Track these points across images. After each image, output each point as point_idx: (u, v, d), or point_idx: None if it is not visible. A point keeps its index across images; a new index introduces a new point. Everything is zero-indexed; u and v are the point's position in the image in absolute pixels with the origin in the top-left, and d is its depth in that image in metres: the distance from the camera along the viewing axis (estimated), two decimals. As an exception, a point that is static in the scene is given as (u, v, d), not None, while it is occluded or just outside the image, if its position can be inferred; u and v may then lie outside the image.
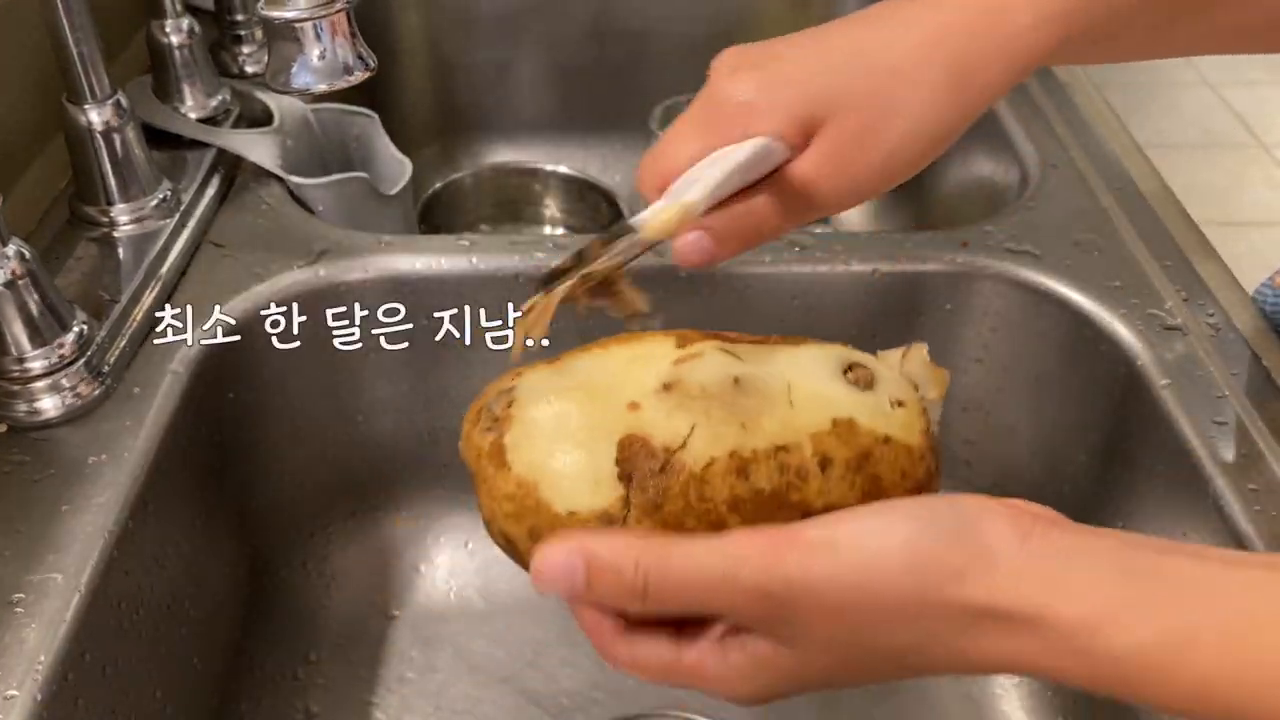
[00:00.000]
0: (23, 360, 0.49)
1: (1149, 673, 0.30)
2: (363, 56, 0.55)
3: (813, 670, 0.33)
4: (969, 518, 0.32)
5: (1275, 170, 2.08)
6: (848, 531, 0.32)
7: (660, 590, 0.32)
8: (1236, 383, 0.54)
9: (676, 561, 0.32)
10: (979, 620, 0.31)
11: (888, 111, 0.40)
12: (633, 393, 0.35)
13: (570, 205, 0.91)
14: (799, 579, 0.31)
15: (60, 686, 0.41)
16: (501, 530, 0.35)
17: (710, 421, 0.34)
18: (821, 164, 0.40)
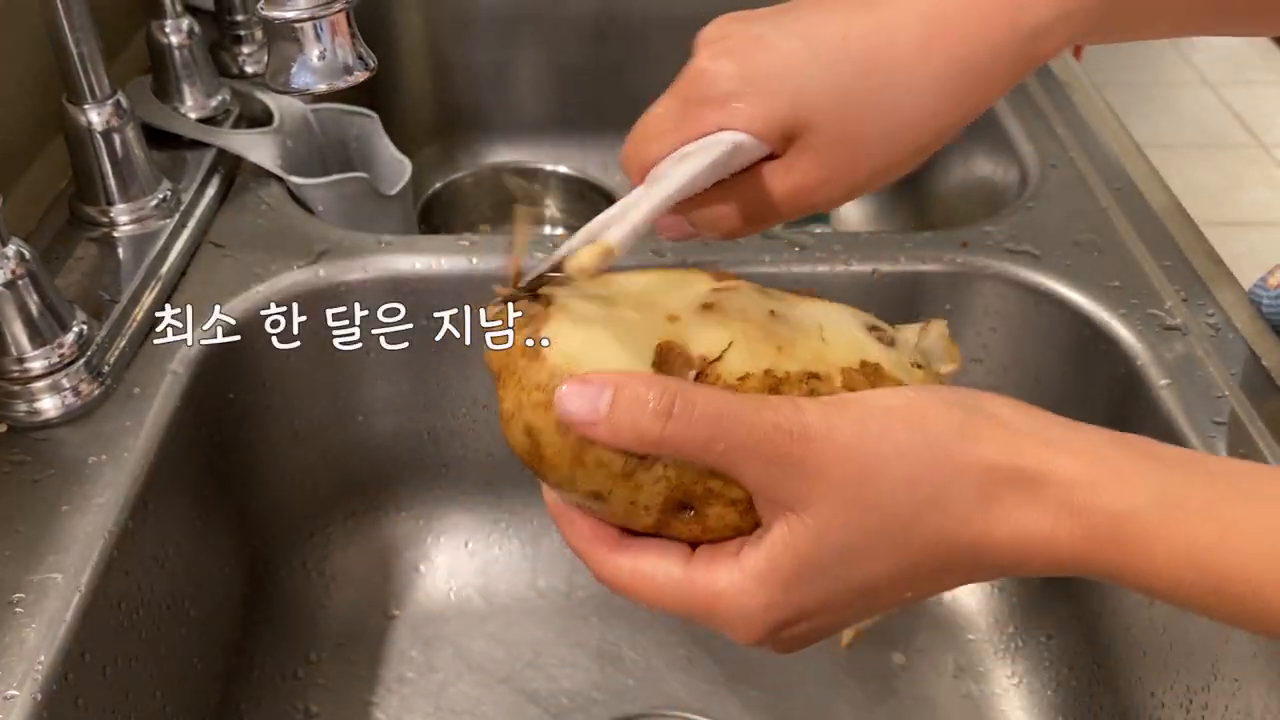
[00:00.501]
0: (23, 360, 0.49)
1: (1142, 532, 0.30)
2: (363, 56, 0.55)
3: (829, 549, 0.31)
4: (969, 392, 0.33)
5: (1274, 170, 2.08)
6: (857, 396, 0.32)
7: (684, 413, 0.30)
8: (1236, 382, 0.54)
9: (703, 394, 0.31)
10: (989, 477, 0.31)
11: (880, 118, 0.37)
12: (673, 307, 0.35)
13: (570, 205, 0.91)
14: (815, 423, 0.31)
15: (60, 686, 0.41)
16: (526, 423, 0.33)
17: (747, 340, 0.34)
18: (801, 171, 0.37)
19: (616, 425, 0.31)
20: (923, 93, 0.37)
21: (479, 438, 0.67)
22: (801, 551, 0.31)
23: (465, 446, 0.67)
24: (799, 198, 0.38)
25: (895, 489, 0.31)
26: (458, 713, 0.61)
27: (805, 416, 0.31)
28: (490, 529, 0.68)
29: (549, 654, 0.63)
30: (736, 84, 0.37)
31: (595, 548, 0.34)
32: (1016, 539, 0.31)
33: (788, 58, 0.37)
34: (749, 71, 0.37)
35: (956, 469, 0.31)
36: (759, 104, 0.37)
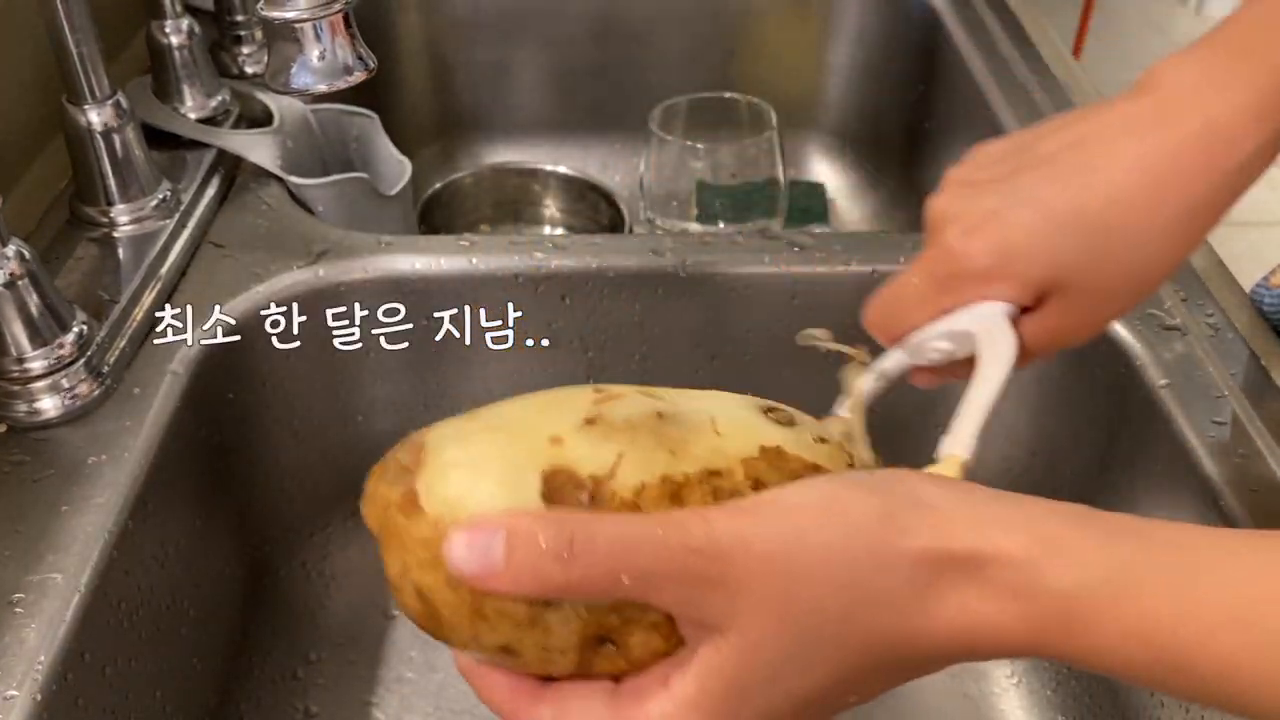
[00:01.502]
0: (23, 360, 0.49)
1: (1092, 612, 0.28)
2: (362, 57, 0.55)
3: (762, 666, 0.29)
4: (887, 474, 0.31)
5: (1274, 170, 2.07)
6: (768, 495, 0.31)
7: (586, 550, 0.28)
8: (1235, 382, 0.54)
9: (603, 525, 0.29)
10: (921, 565, 0.29)
11: (1123, 270, 0.39)
12: (554, 429, 0.32)
13: (570, 205, 0.91)
14: (726, 536, 0.29)
15: (60, 686, 0.41)
16: (415, 585, 0.30)
17: (638, 450, 0.31)
18: (1056, 323, 0.40)
19: (516, 574, 0.28)
20: (1158, 239, 0.39)
21: (479, 438, 0.67)
22: (731, 673, 0.29)
23: (465, 446, 0.67)
24: (1053, 343, 0.41)
25: (822, 593, 0.29)
26: (457, 713, 0.61)
27: (715, 530, 0.29)
28: (490, 529, 0.68)
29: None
30: (991, 260, 0.39)
31: (514, 702, 0.32)
32: (959, 627, 0.29)
33: (1031, 231, 0.39)
34: (1000, 248, 0.39)
35: (884, 562, 0.29)
36: (1016, 276, 0.39)
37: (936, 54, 0.89)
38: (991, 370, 0.40)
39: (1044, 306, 0.40)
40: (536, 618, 0.30)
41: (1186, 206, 0.39)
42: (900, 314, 0.42)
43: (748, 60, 0.99)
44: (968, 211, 0.40)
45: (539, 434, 0.32)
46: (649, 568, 0.28)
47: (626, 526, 0.29)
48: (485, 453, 0.31)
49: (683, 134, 0.77)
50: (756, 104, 0.78)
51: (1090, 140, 0.40)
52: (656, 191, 0.77)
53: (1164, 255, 0.40)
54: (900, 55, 0.94)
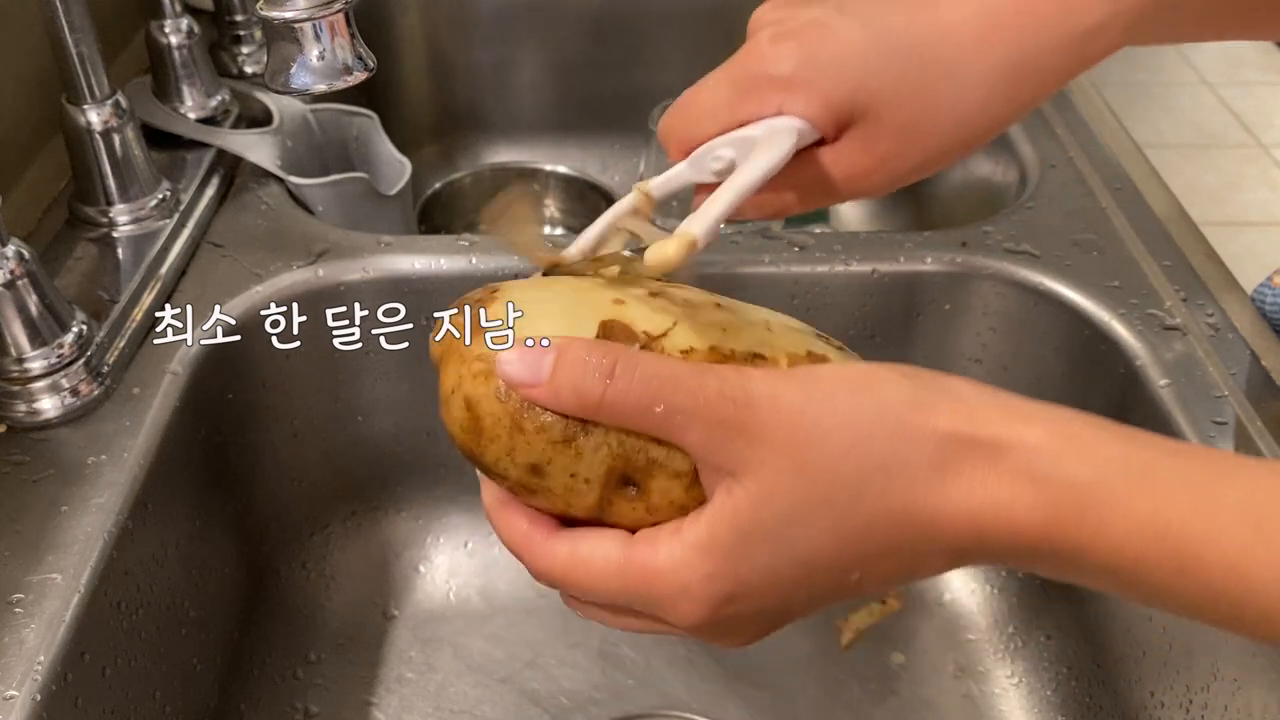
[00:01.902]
0: (22, 360, 0.49)
1: (1107, 501, 0.28)
2: (362, 57, 0.55)
3: (771, 518, 0.30)
4: (925, 370, 0.32)
5: (1274, 170, 2.08)
6: (807, 367, 0.32)
7: (626, 374, 0.30)
8: (1236, 383, 0.54)
9: (648, 358, 0.30)
10: (943, 445, 0.29)
11: (936, 109, 0.37)
12: (620, 294, 0.34)
13: (570, 205, 0.91)
14: (760, 388, 0.30)
15: (60, 687, 0.41)
16: (465, 395, 0.32)
17: (692, 322, 0.33)
18: (855, 158, 0.38)
19: (558, 387, 0.30)
20: (979, 85, 0.37)
21: (479, 438, 0.67)
22: (742, 518, 0.30)
23: (465, 446, 0.67)
24: (851, 183, 0.38)
25: (841, 455, 0.29)
26: (457, 713, 0.61)
27: (750, 382, 0.30)
28: (490, 529, 0.68)
29: (549, 654, 0.63)
30: (798, 66, 0.37)
31: (530, 537, 0.33)
32: (972, 510, 0.29)
33: (850, 44, 0.37)
34: (811, 55, 0.37)
35: (908, 437, 0.29)
36: (818, 89, 0.37)
37: (936, 54, 0.89)
38: (759, 160, 0.36)
39: (843, 138, 0.38)
40: (571, 438, 0.31)
41: (1015, 56, 0.37)
42: (695, 120, 0.39)
43: (747, 60, 0.99)
44: (790, 18, 0.38)
45: (605, 295, 0.34)
46: (681, 403, 0.30)
47: (667, 364, 0.30)
48: (553, 297, 0.34)
49: (682, 134, 0.77)
50: (756, 104, 0.78)
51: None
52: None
53: (980, 105, 0.38)
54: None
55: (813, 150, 0.38)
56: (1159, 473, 0.29)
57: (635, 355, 0.30)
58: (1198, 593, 0.28)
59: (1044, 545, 0.29)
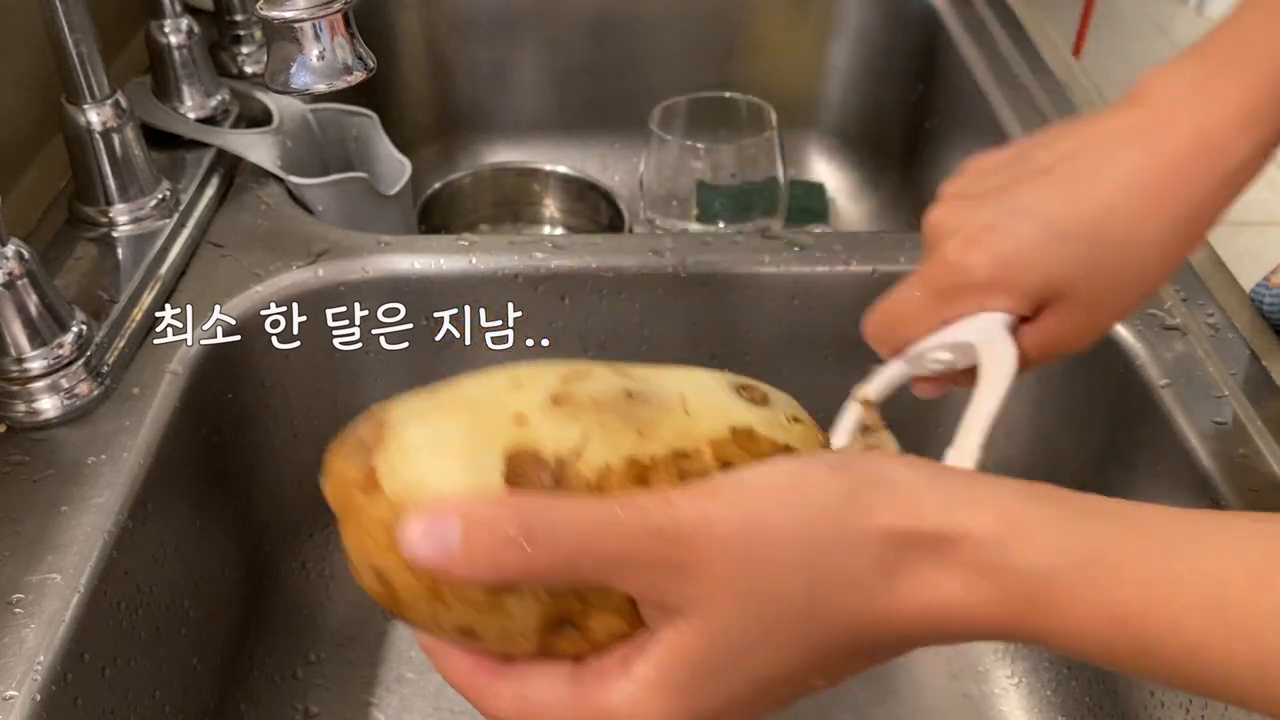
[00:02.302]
0: (22, 360, 0.49)
1: (1062, 592, 0.28)
2: (362, 57, 0.55)
3: (723, 649, 0.29)
4: (851, 455, 0.32)
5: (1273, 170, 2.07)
6: (732, 478, 0.30)
7: (546, 536, 0.28)
8: (1235, 383, 0.54)
9: (563, 511, 0.28)
10: (887, 545, 0.29)
11: (1120, 276, 0.40)
12: (519, 407, 0.31)
13: (570, 205, 0.91)
14: (688, 519, 0.28)
15: (60, 687, 0.41)
16: (373, 565, 0.30)
17: (604, 430, 0.31)
18: (1057, 330, 0.41)
19: (473, 562, 0.27)
20: (1153, 248, 0.40)
21: (478, 438, 0.67)
22: (694, 656, 0.29)
23: (465, 446, 0.67)
24: (1053, 351, 0.41)
25: (786, 575, 0.28)
26: (456, 713, 0.61)
27: (676, 513, 0.28)
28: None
29: (548, 654, 0.63)
30: (991, 272, 0.40)
31: (474, 680, 0.31)
32: (927, 608, 0.29)
33: (1029, 239, 0.39)
34: (998, 259, 0.40)
35: (849, 542, 0.29)
36: (1015, 287, 0.40)
37: (936, 54, 0.89)
38: (993, 381, 0.40)
39: (1043, 315, 0.40)
40: (495, 602, 0.29)
41: (1180, 213, 0.39)
42: (900, 327, 0.42)
43: (748, 60, 0.99)
44: (965, 224, 0.40)
45: (503, 413, 0.31)
46: (610, 553, 0.28)
47: (586, 511, 0.28)
48: (446, 432, 0.31)
49: (683, 134, 0.77)
50: (756, 104, 0.78)
51: (1084, 151, 0.40)
52: (656, 191, 0.77)
53: (1159, 261, 0.40)
54: (900, 55, 0.94)
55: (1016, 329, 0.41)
56: (1113, 556, 0.28)
57: (550, 510, 0.28)
58: (1165, 673, 0.28)
59: (1003, 632, 0.29)
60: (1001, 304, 0.40)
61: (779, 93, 0.84)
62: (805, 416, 0.36)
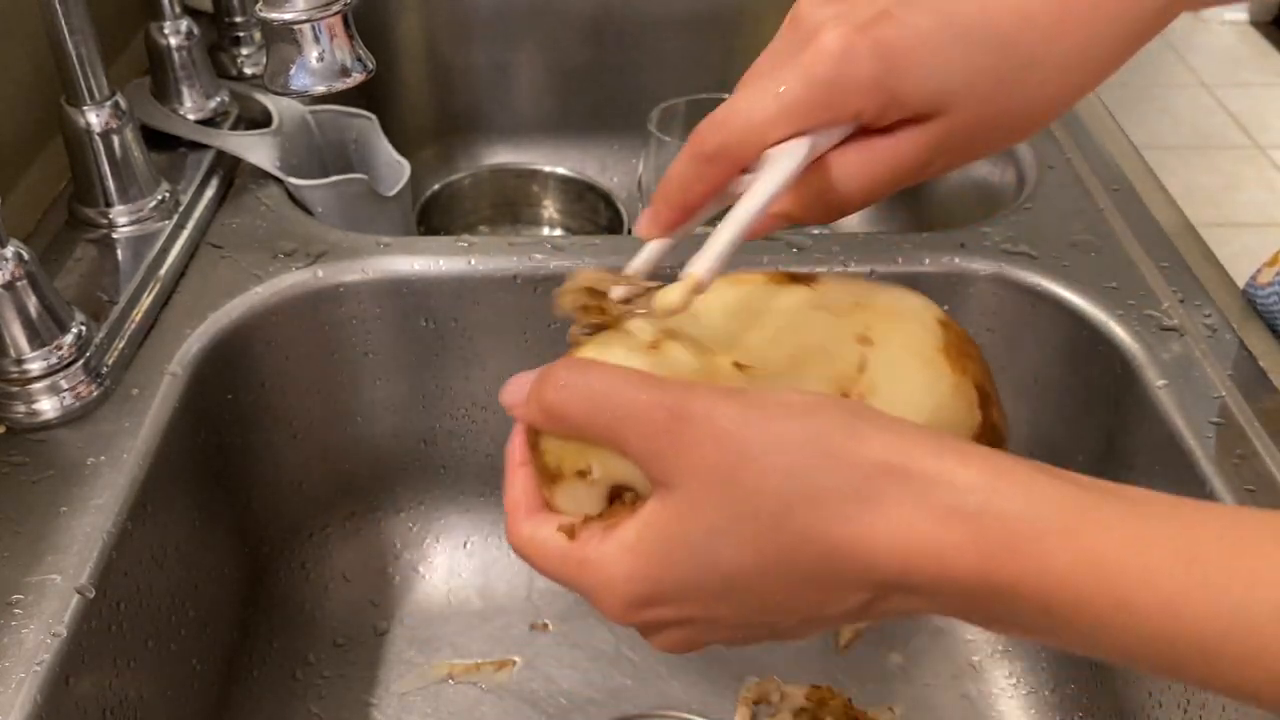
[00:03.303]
0: (21, 361, 0.49)
1: (1043, 537, 0.28)
2: (361, 58, 0.55)
3: (695, 529, 0.30)
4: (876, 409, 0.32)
5: (1271, 171, 2.08)
6: (755, 389, 0.32)
7: (580, 387, 0.32)
8: (1233, 383, 0.54)
9: (599, 371, 0.32)
10: (872, 474, 0.29)
11: (1012, 101, 0.35)
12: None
13: (569, 206, 0.91)
14: (698, 403, 0.30)
15: (59, 687, 0.41)
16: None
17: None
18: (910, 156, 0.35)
19: (523, 405, 0.33)
20: (1055, 72, 0.35)
21: (478, 438, 0.67)
22: (667, 527, 0.31)
23: (464, 447, 0.67)
24: (899, 176, 0.36)
25: (768, 476, 0.29)
26: (456, 713, 0.61)
27: (690, 396, 0.30)
28: (489, 529, 0.68)
29: (547, 655, 0.63)
30: (879, 67, 0.33)
31: (513, 510, 0.35)
32: (897, 542, 0.28)
33: (927, 39, 0.34)
34: (887, 52, 0.33)
35: (837, 464, 0.29)
36: (895, 93, 0.34)
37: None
38: (761, 185, 0.34)
39: (902, 129, 0.35)
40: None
41: (1091, 38, 0.35)
42: (752, 137, 0.34)
43: (746, 61, 0.98)
44: (851, 11, 0.34)
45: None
46: (620, 411, 0.31)
47: (614, 376, 0.32)
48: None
49: (681, 135, 0.77)
50: (755, 105, 0.78)
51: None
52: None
53: (1055, 95, 0.36)
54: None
55: (824, 157, 0.35)
56: (1094, 511, 0.28)
57: (587, 372, 0.32)
58: (1134, 630, 0.27)
59: (975, 583, 0.28)
60: (870, 111, 0.34)
61: (777, 94, 0.84)
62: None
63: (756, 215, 0.34)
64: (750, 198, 0.34)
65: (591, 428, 0.32)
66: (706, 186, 0.35)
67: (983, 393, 0.37)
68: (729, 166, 0.35)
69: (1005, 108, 0.35)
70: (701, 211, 0.37)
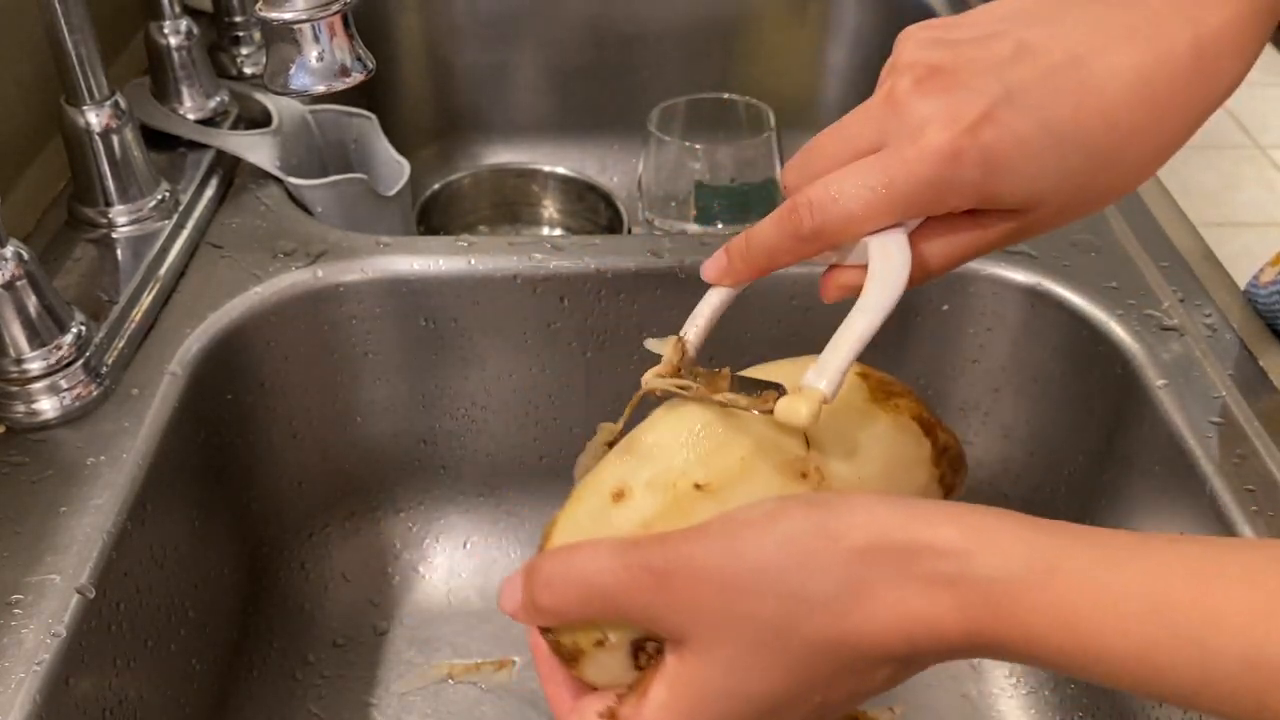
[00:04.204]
0: (21, 361, 0.49)
1: (1021, 597, 0.29)
2: (361, 58, 0.55)
3: (719, 675, 0.32)
4: (831, 494, 0.33)
5: (1271, 171, 2.08)
6: (719, 518, 0.33)
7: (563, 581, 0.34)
8: (1233, 382, 0.54)
9: (577, 558, 0.34)
10: (856, 564, 0.30)
11: (1089, 196, 0.37)
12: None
13: (568, 206, 0.91)
14: (674, 556, 0.32)
15: (59, 687, 0.41)
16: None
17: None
18: (987, 241, 0.37)
19: (517, 611, 0.36)
20: (1131, 168, 0.37)
21: (477, 438, 0.67)
22: (695, 679, 0.32)
23: (464, 447, 0.67)
24: (973, 256, 0.37)
25: (764, 601, 0.31)
26: (455, 714, 0.61)
27: (667, 552, 0.32)
28: (489, 530, 0.68)
29: (547, 654, 0.63)
30: (981, 175, 0.34)
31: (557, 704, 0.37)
32: (896, 622, 0.30)
33: (1027, 146, 0.34)
34: (991, 162, 0.34)
35: (818, 566, 0.30)
36: (992, 195, 0.35)
37: (934, 55, 0.89)
38: (878, 295, 0.35)
39: (984, 216, 0.36)
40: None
41: (1167, 135, 0.36)
42: (851, 228, 0.36)
43: (746, 61, 0.99)
44: (955, 107, 0.34)
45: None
46: (611, 593, 0.33)
47: (595, 560, 0.33)
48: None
49: (681, 135, 0.77)
50: (755, 105, 0.78)
51: (1087, 44, 0.35)
52: (655, 192, 0.77)
53: (1128, 182, 0.37)
54: (898, 56, 0.94)
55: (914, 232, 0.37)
56: (1067, 564, 0.29)
57: (567, 561, 0.34)
58: (1114, 676, 0.29)
59: (968, 645, 0.30)
60: (965, 206, 0.35)
61: (777, 94, 0.84)
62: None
63: (876, 327, 0.35)
64: (867, 312, 0.35)
65: (591, 612, 0.34)
66: (793, 259, 0.38)
67: (922, 421, 0.38)
68: (821, 247, 0.37)
69: (1086, 199, 0.37)
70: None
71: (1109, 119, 0.35)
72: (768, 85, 0.92)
